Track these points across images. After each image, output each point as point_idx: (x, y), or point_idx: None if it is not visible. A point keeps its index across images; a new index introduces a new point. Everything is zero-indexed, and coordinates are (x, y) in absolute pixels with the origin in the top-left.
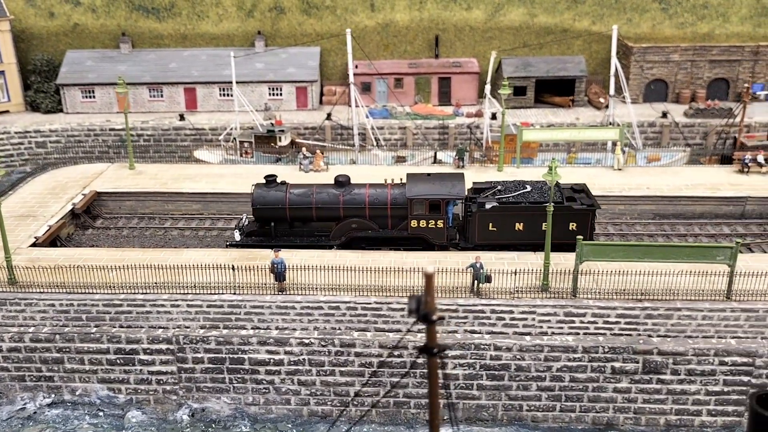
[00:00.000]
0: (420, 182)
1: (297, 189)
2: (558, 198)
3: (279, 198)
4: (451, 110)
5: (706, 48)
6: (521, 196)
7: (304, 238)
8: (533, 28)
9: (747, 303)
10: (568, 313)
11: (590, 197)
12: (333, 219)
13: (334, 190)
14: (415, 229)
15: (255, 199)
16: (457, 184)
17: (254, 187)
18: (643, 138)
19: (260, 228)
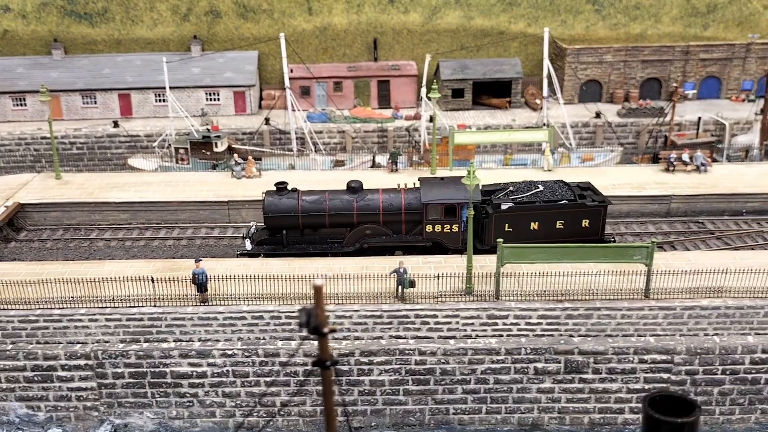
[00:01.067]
0: (434, 187)
1: (309, 196)
2: (570, 196)
3: (291, 205)
4: (390, 113)
5: (638, 48)
6: (534, 196)
7: (316, 245)
8: (470, 31)
9: (665, 301)
10: (491, 315)
11: (597, 194)
12: (346, 225)
13: (347, 196)
14: (430, 233)
15: (267, 207)
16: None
17: (265, 195)
18: (578, 138)
19: (271, 236)
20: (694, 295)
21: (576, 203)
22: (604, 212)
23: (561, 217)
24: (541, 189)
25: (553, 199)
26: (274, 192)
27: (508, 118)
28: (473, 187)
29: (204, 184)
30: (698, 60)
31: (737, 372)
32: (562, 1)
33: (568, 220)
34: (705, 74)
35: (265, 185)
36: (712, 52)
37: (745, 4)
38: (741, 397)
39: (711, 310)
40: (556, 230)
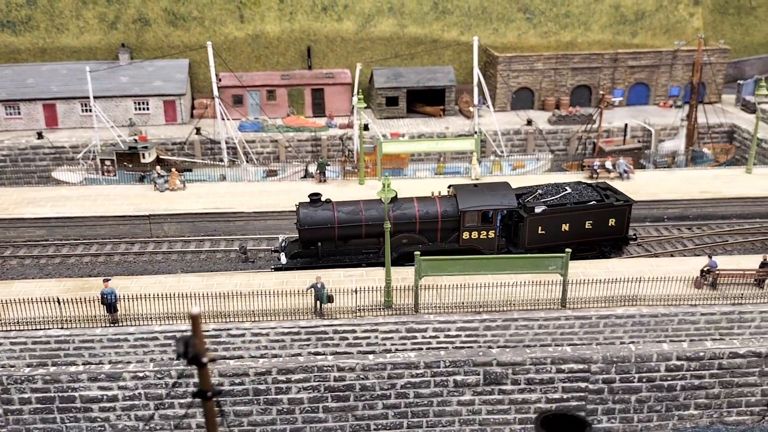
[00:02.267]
0: (471, 194)
1: (344, 207)
2: (597, 197)
3: (327, 217)
4: (324, 122)
5: (567, 56)
6: (564, 198)
7: (351, 256)
8: (404, 39)
9: (581, 310)
10: (410, 329)
11: (618, 193)
12: (381, 235)
13: (382, 205)
14: (466, 240)
15: (302, 219)
16: (507, 194)
17: (299, 207)
18: (510, 145)
19: (305, 249)
20: (609, 303)
21: (604, 203)
22: (629, 211)
23: (590, 217)
24: (569, 191)
25: (582, 200)
26: (308, 204)
27: (441, 126)
28: (388, 200)
29: (125, 198)
30: (627, 67)
31: (653, 379)
32: (494, 10)
33: (596, 219)
34: (633, 81)
35: (189, 198)
36: (640, 59)
37: (671, 12)
38: (658, 404)
39: (626, 318)
40: (585, 230)
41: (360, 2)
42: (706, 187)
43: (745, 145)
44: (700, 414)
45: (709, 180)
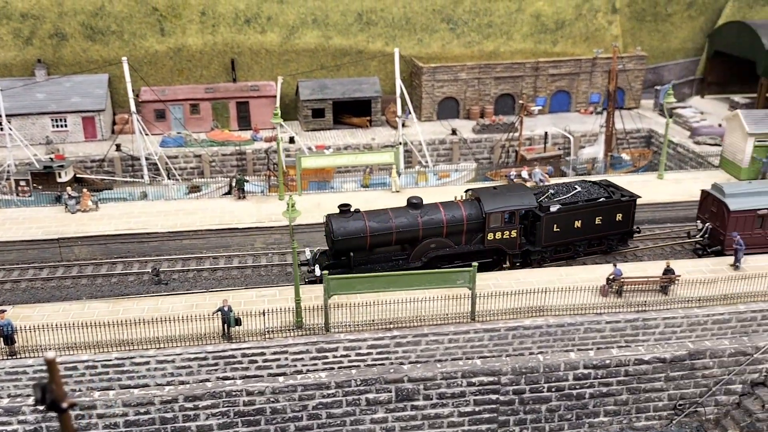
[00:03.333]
0: (493, 197)
1: (374, 216)
2: (605, 194)
3: (360, 227)
4: (249, 135)
5: (490, 66)
6: (575, 196)
7: (382, 263)
8: (329, 50)
9: (490, 323)
10: (321, 349)
11: (620, 189)
12: (411, 241)
13: (412, 212)
14: (491, 241)
15: (336, 230)
16: (526, 194)
17: (331, 219)
18: (436, 155)
19: (337, 259)
20: (517, 315)
21: (612, 199)
22: (634, 206)
23: (600, 213)
24: (579, 189)
25: (591, 197)
26: (338, 215)
27: (368, 137)
28: (293, 221)
29: (34, 221)
30: (548, 75)
31: (562, 389)
32: (418, 20)
33: (605, 215)
34: (555, 89)
35: (102, 219)
36: (560, 67)
37: (591, 21)
38: (568, 412)
39: (534, 329)
40: (596, 226)
41: (283, 14)
42: None
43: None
44: (610, 420)
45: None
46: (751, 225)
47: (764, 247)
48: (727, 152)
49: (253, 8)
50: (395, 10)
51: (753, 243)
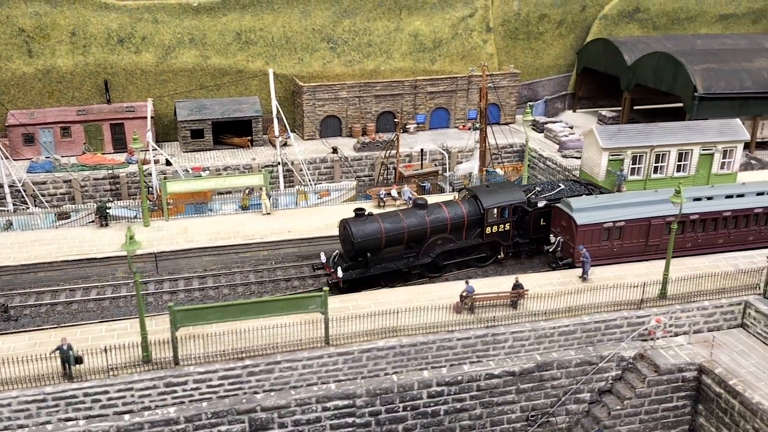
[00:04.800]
0: (489, 193)
1: (387, 218)
2: (585, 191)
3: (376, 228)
4: (124, 158)
5: (370, 84)
6: (559, 193)
7: (395, 262)
8: (208, 70)
9: (343, 346)
10: (169, 383)
11: (599, 187)
12: (420, 239)
13: (419, 212)
14: (489, 234)
15: (355, 233)
16: (516, 190)
17: (348, 224)
18: (317, 174)
19: (354, 261)
20: (372, 336)
21: (592, 193)
22: None
23: None
24: (562, 187)
25: (573, 194)
26: (354, 219)
27: (249, 157)
28: (133, 253)
29: None
30: (426, 93)
31: (417, 407)
32: (298, 40)
33: None
34: (434, 106)
35: None
36: (438, 85)
37: (466, 39)
38: (424, 430)
39: (387, 350)
40: None
41: (159, 34)
42: None
43: (534, 163)
44: None
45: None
46: (598, 238)
47: (611, 258)
48: (585, 166)
49: (127, 28)
50: (275, 29)
51: (600, 255)
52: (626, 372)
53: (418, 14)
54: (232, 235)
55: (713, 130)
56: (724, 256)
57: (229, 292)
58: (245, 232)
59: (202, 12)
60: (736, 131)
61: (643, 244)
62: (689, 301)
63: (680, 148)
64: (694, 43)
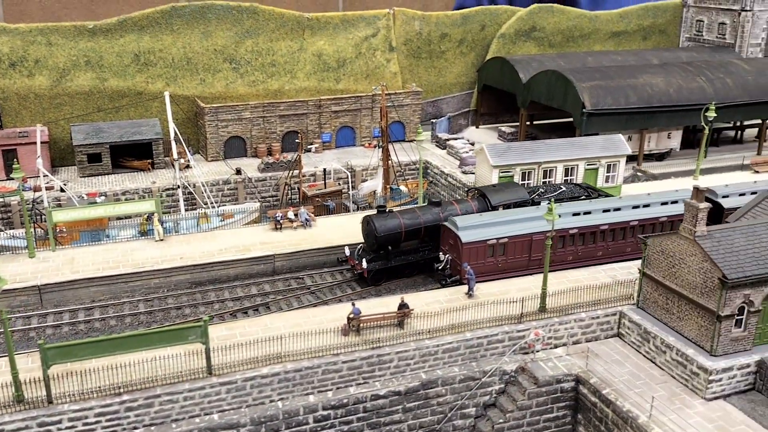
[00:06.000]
0: (496, 192)
1: (405, 214)
2: (584, 193)
3: (396, 223)
4: (16, 185)
5: (273, 104)
6: (560, 194)
7: (413, 254)
8: (106, 93)
9: (227, 375)
10: (42, 423)
11: (597, 190)
12: (434, 233)
13: (434, 209)
14: None
15: (378, 228)
16: (520, 190)
17: (372, 219)
18: (221, 196)
19: (376, 253)
20: (256, 364)
21: (591, 197)
22: None
23: None
24: (563, 189)
25: (574, 195)
26: (378, 215)
27: (149, 181)
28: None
29: None
30: (331, 112)
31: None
32: (200, 60)
33: None
34: (339, 124)
35: None
36: (342, 104)
37: (370, 59)
38: None
39: (272, 376)
40: None
41: (53, 57)
42: None
43: (436, 179)
44: None
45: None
46: (484, 254)
47: (497, 273)
48: (479, 183)
49: (19, 51)
50: (174, 50)
51: (486, 271)
52: (509, 385)
53: (322, 34)
54: (122, 264)
55: (597, 146)
56: (604, 267)
57: (116, 323)
58: (136, 260)
59: (99, 34)
60: (619, 146)
61: (527, 259)
62: (567, 313)
63: (566, 163)
64: (586, 60)
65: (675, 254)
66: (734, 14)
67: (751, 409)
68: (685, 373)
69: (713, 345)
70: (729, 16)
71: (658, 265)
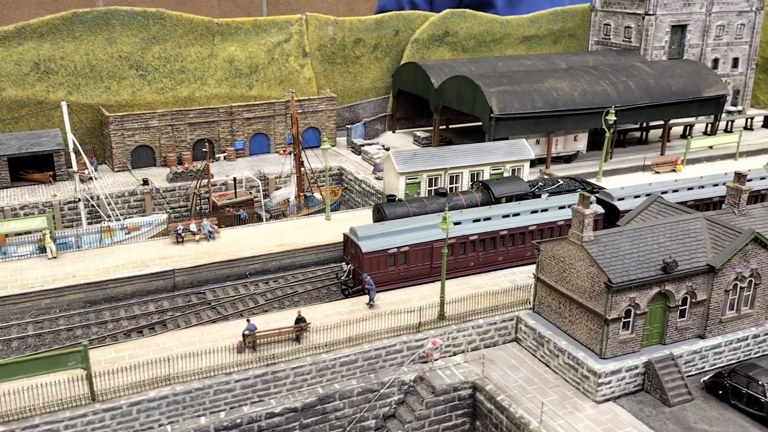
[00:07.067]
0: (499, 184)
1: (413, 203)
2: (580, 186)
3: (405, 211)
4: None
5: (182, 112)
6: (558, 187)
7: None
8: (4, 103)
9: (111, 401)
10: None
11: (591, 184)
12: None
13: (441, 199)
14: None
15: (388, 215)
16: (521, 183)
17: (382, 207)
18: (127, 207)
19: None
20: (142, 387)
21: (586, 190)
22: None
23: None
24: (561, 183)
25: (570, 188)
26: (388, 203)
27: (50, 194)
28: None
29: None
30: (243, 119)
31: None
32: (104, 68)
33: None
34: (253, 131)
35: None
36: (255, 111)
37: (283, 65)
38: None
39: (160, 400)
40: None
41: None
42: (285, 239)
43: (351, 186)
44: None
45: (290, 231)
46: (385, 264)
47: (399, 282)
48: (386, 190)
49: None
50: (77, 57)
51: (389, 280)
52: (408, 395)
53: (233, 40)
54: (10, 285)
55: (502, 151)
56: (505, 272)
57: (2, 347)
58: (26, 279)
59: None
60: (522, 151)
61: (429, 267)
62: (465, 320)
63: (472, 168)
64: (496, 65)
65: (565, 259)
66: (639, 18)
67: (639, 410)
68: (576, 377)
69: (602, 348)
70: (634, 20)
71: (551, 270)
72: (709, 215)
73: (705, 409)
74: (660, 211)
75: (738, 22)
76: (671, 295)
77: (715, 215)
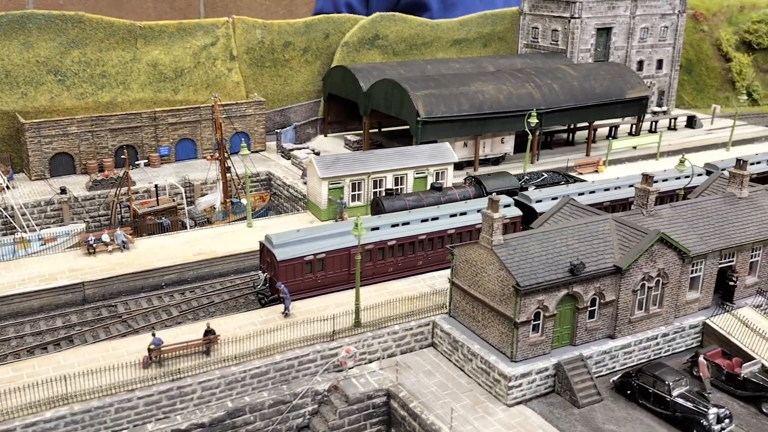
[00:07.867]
0: (490, 179)
1: (410, 196)
2: (562, 179)
3: (402, 204)
4: None
5: (103, 118)
6: (543, 181)
7: None
8: None
9: (4, 424)
10: None
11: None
12: None
13: (436, 193)
14: None
15: (386, 207)
16: (511, 178)
17: (382, 200)
18: (44, 217)
19: None
20: (39, 408)
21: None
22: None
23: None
24: (545, 176)
25: (554, 181)
26: (386, 197)
27: None
28: None
29: None
30: (168, 124)
31: None
32: (20, 73)
33: None
34: (178, 137)
35: None
36: (180, 116)
37: (210, 68)
38: None
39: (57, 420)
40: None
41: None
42: (203, 248)
43: (279, 191)
44: None
45: (210, 239)
46: (301, 271)
47: (317, 289)
48: (310, 195)
49: None
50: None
51: (306, 288)
52: (321, 405)
53: (156, 43)
54: None
55: (425, 155)
56: (424, 277)
57: None
58: None
59: None
60: (446, 154)
61: (347, 273)
62: (381, 327)
63: (396, 173)
64: (425, 68)
65: (477, 263)
66: (565, 21)
67: (549, 412)
68: (489, 381)
69: (513, 351)
70: (560, 23)
71: (464, 274)
72: (618, 216)
73: (613, 409)
74: (572, 212)
75: (661, 24)
76: (580, 296)
77: (624, 216)
